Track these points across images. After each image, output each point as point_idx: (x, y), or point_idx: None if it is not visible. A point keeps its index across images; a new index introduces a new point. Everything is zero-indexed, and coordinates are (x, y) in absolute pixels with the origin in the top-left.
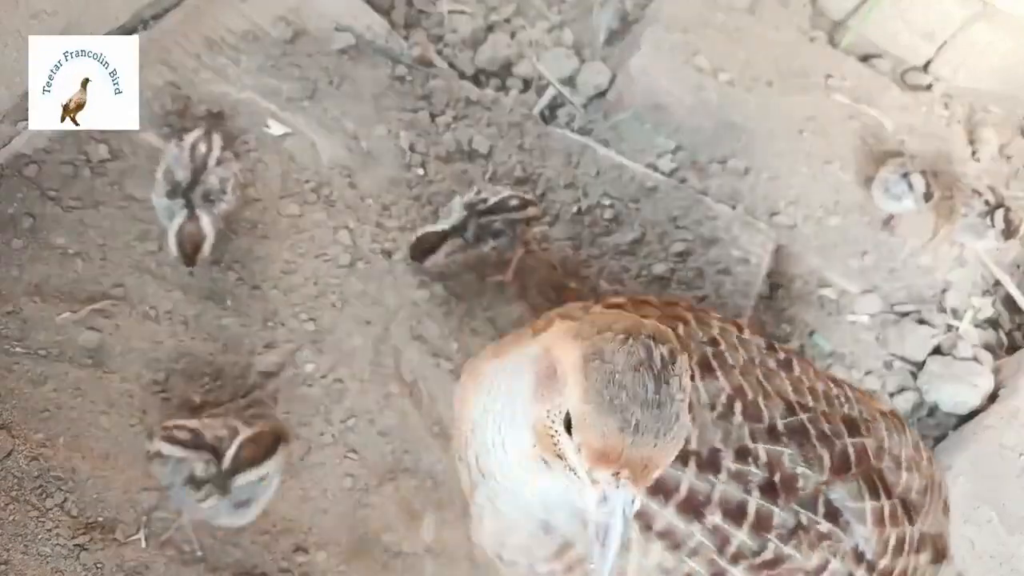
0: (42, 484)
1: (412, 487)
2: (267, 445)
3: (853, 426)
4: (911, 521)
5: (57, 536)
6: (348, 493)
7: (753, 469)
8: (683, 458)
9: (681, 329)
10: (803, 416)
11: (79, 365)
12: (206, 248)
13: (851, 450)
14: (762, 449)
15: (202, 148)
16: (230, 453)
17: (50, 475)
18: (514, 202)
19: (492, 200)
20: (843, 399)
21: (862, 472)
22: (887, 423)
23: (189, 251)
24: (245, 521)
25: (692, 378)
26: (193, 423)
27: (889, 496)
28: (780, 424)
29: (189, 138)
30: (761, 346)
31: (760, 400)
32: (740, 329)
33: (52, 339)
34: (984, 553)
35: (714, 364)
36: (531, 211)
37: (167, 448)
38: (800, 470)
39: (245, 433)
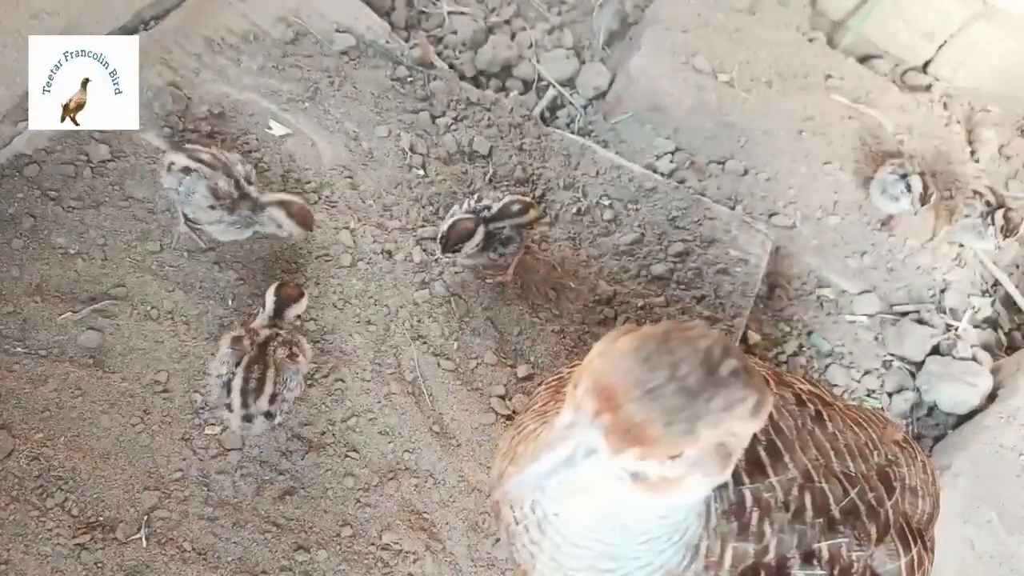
0: (43, 484)
1: (413, 486)
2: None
3: (887, 481)
4: (927, 550)
5: (58, 536)
6: (349, 492)
7: (818, 571)
8: (754, 570)
9: None
10: (854, 493)
11: (80, 365)
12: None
13: (890, 514)
14: (824, 547)
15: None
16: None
17: (51, 475)
18: (517, 207)
19: (496, 206)
20: (871, 444)
21: (897, 530)
22: (904, 454)
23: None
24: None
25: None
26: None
27: (915, 540)
28: (836, 511)
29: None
30: (793, 400)
31: (823, 482)
32: (768, 382)
33: (53, 339)
34: (984, 553)
35: (779, 445)
36: (532, 213)
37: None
38: (855, 555)
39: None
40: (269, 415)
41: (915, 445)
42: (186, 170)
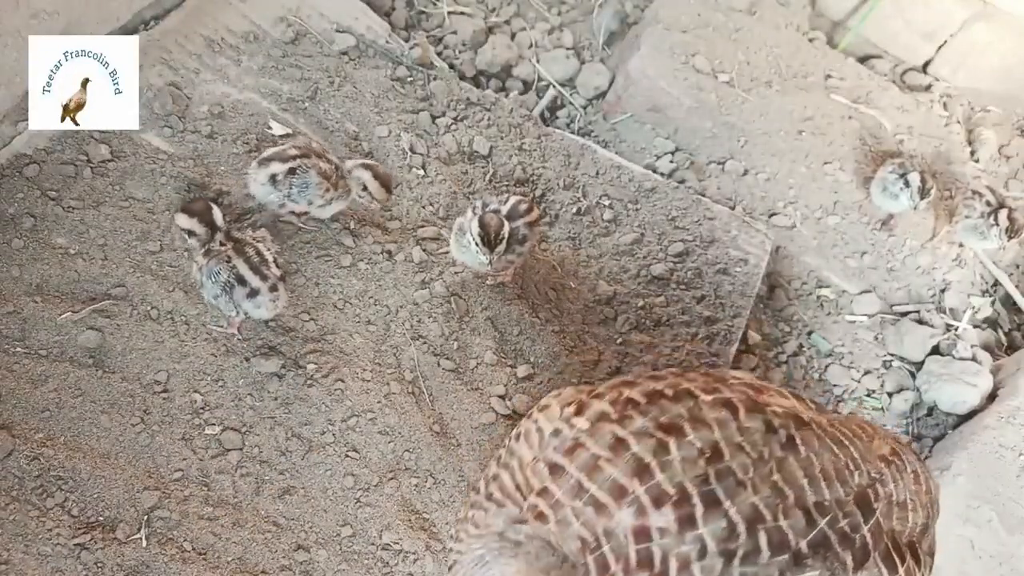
0: (43, 484)
1: (413, 486)
2: None
3: (866, 504)
4: (919, 561)
5: (58, 536)
6: (349, 492)
7: None
8: None
9: (674, 447)
10: (823, 523)
11: (80, 365)
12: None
13: (868, 538)
14: None
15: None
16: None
17: (50, 475)
18: (524, 206)
19: (505, 207)
20: (852, 464)
21: (880, 551)
22: (891, 469)
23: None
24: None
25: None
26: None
27: (903, 556)
28: (804, 545)
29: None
30: (761, 429)
31: (781, 518)
32: (736, 412)
33: (53, 339)
34: (984, 553)
35: (719, 493)
36: (536, 212)
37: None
38: None
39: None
40: (283, 279)
41: (905, 455)
42: (291, 171)
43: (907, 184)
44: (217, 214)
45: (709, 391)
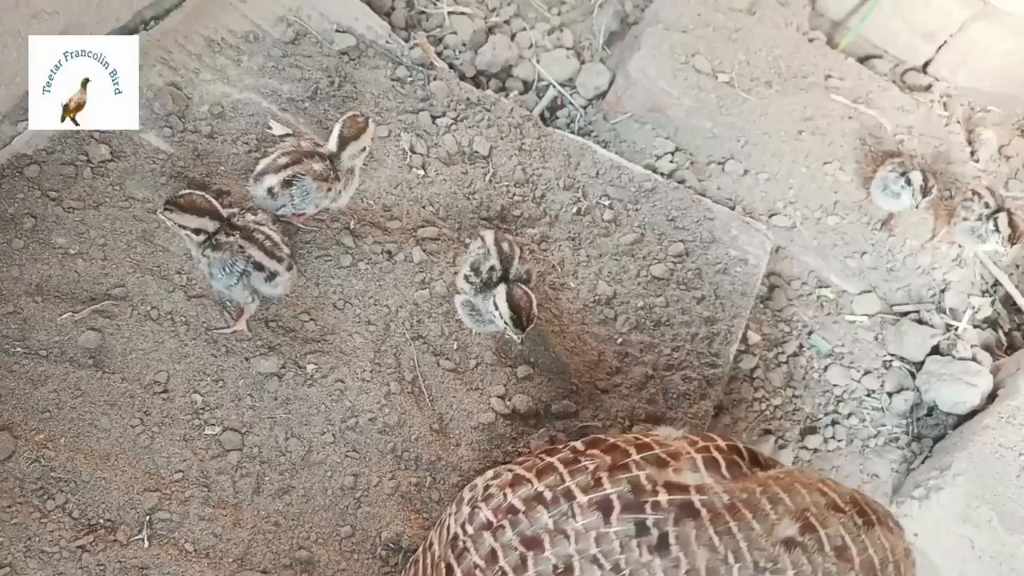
0: (43, 486)
1: (413, 486)
2: None
3: None
4: None
5: (59, 538)
6: (349, 492)
7: None
8: None
9: (531, 563)
10: None
11: (80, 365)
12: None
13: None
14: None
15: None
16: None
17: (51, 476)
18: (505, 245)
19: (493, 261)
20: (732, 557)
21: None
22: (795, 553)
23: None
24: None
25: None
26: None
27: None
28: None
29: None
30: (631, 533)
31: None
32: (608, 514)
33: (53, 339)
34: (984, 553)
35: None
36: (522, 256)
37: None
38: None
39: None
40: (292, 255)
41: (827, 528)
42: (286, 183)
43: (909, 183)
44: (217, 205)
45: (590, 487)
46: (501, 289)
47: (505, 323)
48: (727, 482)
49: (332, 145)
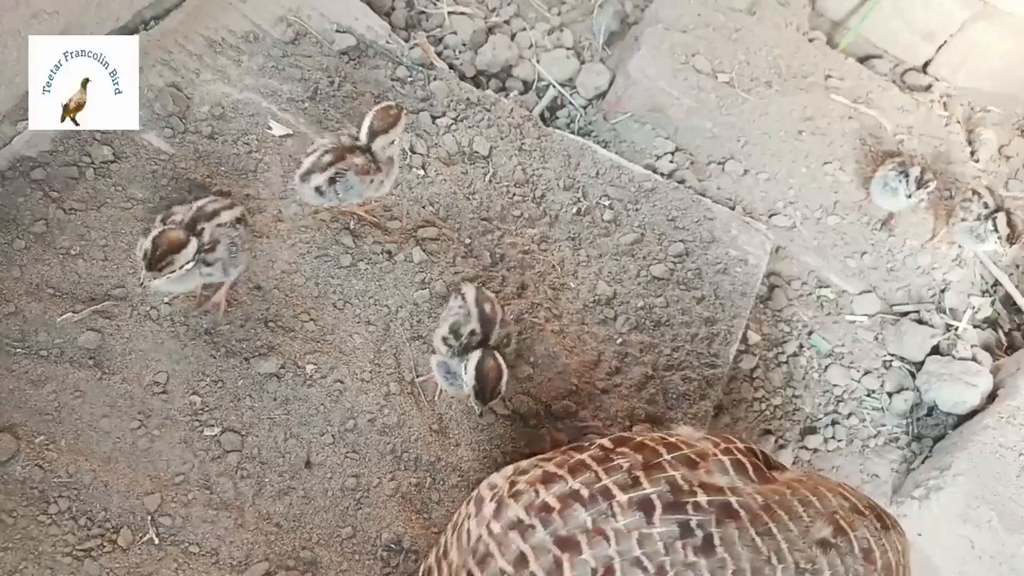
0: (46, 489)
1: (413, 486)
2: None
3: None
4: None
5: (64, 542)
6: (349, 492)
7: None
8: None
9: (567, 566)
10: None
11: (80, 366)
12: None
13: None
14: None
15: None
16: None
17: (53, 480)
18: (494, 311)
19: (469, 339)
20: (776, 556)
21: None
22: (830, 555)
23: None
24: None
25: None
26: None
27: None
28: None
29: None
30: (675, 534)
31: None
32: (651, 513)
33: (53, 340)
34: (984, 553)
35: None
36: (502, 329)
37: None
38: None
39: None
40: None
41: (856, 532)
42: (331, 180)
43: (906, 176)
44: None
45: (628, 486)
46: (474, 356)
47: (468, 392)
48: (755, 484)
49: (363, 137)
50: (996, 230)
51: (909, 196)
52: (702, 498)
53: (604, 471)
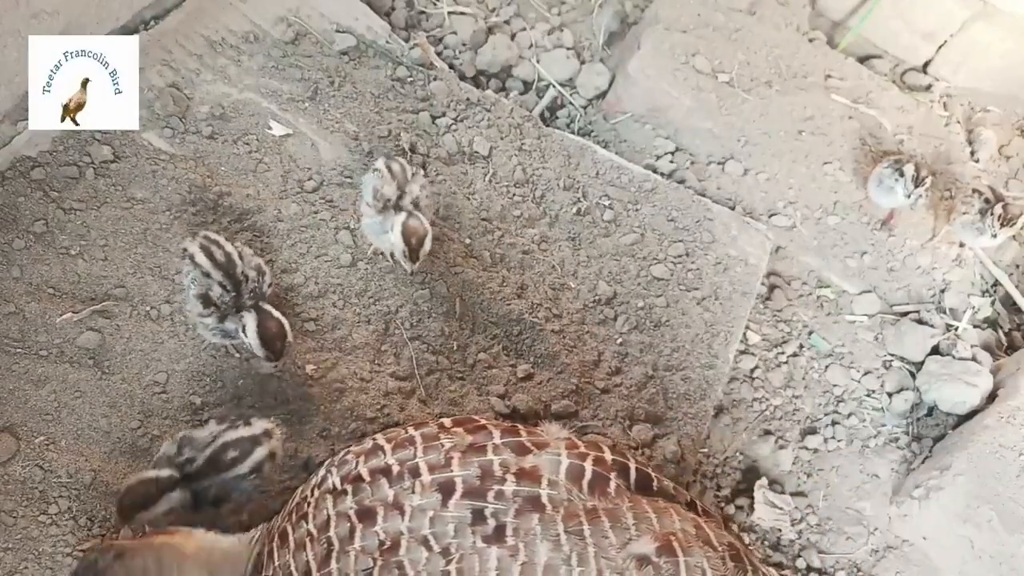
0: (46, 489)
1: None
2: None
3: None
4: None
5: (64, 543)
6: None
7: None
8: None
9: (359, 535)
10: None
11: (80, 366)
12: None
13: None
14: None
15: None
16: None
17: (53, 480)
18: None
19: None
20: (575, 559)
21: None
22: (643, 573)
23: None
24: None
25: None
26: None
27: None
28: None
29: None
30: (467, 519)
31: None
32: (448, 496)
33: (53, 340)
34: (984, 553)
35: None
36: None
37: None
38: None
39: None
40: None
41: (685, 559)
42: (192, 265)
43: (901, 175)
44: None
45: (438, 467)
46: (398, 219)
47: (402, 255)
48: (582, 495)
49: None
50: (992, 213)
51: (908, 196)
52: (509, 487)
53: (423, 449)
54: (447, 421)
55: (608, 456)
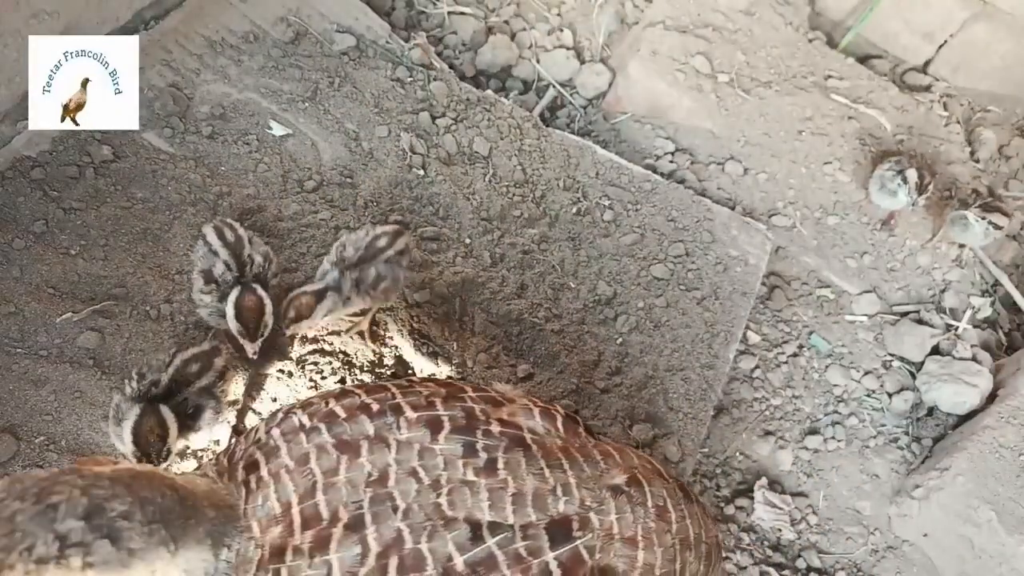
0: None
1: None
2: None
3: (561, 531)
4: None
5: None
6: None
7: None
8: None
9: (344, 468)
10: (491, 541)
11: (80, 366)
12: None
13: (553, 564)
14: None
15: (230, 236)
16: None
17: None
18: (382, 241)
19: (358, 251)
20: (561, 489)
21: None
22: (620, 500)
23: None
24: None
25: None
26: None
27: None
28: (460, 562)
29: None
30: (457, 453)
31: (426, 541)
32: (437, 431)
33: (53, 340)
34: (984, 553)
35: (366, 518)
36: (401, 242)
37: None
38: None
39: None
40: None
41: (650, 487)
42: (203, 244)
43: (904, 180)
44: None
45: (421, 407)
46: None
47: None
48: (559, 433)
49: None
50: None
51: (913, 204)
52: (495, 428)
53: (401, 393)
54: (413, 378)
55: (563, 411)
